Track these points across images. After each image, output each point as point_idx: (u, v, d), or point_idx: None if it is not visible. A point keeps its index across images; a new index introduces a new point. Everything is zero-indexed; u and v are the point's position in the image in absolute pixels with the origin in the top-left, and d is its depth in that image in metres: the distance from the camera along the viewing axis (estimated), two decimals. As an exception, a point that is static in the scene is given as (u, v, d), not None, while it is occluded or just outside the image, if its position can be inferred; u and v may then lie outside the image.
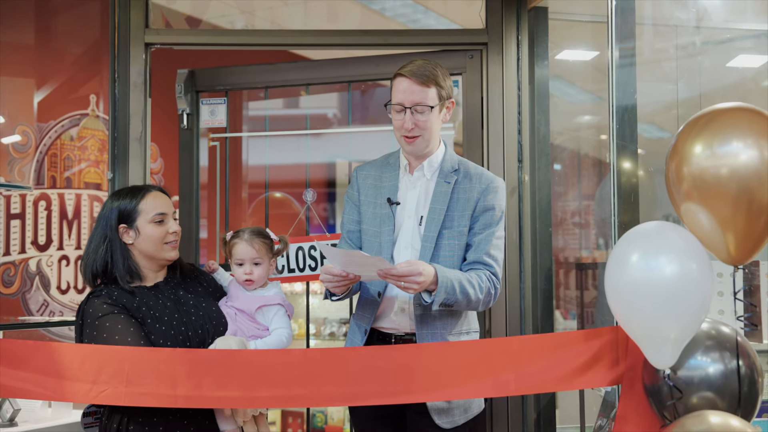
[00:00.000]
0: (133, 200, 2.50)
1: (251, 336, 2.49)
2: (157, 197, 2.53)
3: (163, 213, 2.51)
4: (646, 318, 2.02)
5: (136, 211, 2.49)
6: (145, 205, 2.50)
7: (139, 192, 2.53)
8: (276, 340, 2.50)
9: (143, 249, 2.50)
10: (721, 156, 1.98)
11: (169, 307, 2.46)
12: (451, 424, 2.53)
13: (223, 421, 2.41)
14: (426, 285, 2.36)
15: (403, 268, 2.33)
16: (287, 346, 2.53)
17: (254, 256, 2.56)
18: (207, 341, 2.45)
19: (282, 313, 2.56)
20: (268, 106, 4.05)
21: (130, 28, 3.53)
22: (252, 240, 2.58)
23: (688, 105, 3.70)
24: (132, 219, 2.49)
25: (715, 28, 3.86)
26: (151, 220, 2.49)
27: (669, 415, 2.10)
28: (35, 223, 4.21)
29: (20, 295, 4.15)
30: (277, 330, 2.52)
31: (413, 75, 2.51)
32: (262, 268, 2.58)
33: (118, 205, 2.50)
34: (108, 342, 2.33)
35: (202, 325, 2.47)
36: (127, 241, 2.49)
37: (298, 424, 5.46)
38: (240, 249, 2.58)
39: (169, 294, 2.51)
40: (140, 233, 2.49)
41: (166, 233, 2.50)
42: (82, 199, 4.39)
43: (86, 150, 4.44)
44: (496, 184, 2.62)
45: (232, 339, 2.40)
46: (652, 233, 2.07)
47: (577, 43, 4.54)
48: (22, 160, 4.19)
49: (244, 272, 2.57)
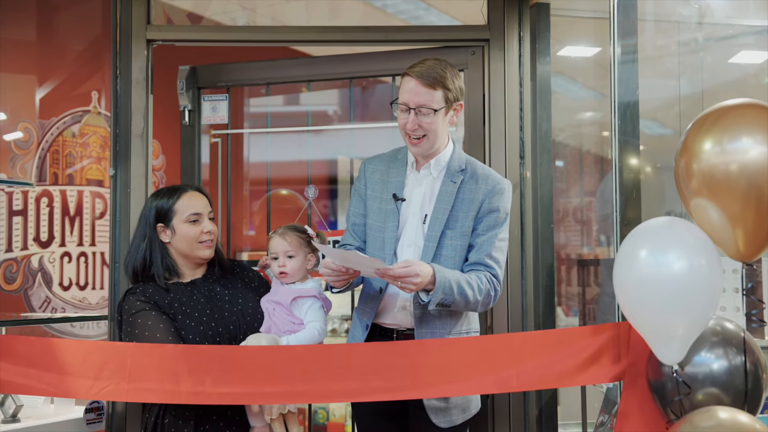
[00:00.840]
0: (170, 200, 2.59)
1: (286, 331, 2.52)
2: (192, 197, 2.61)
3: (198, 213, 2.59)
4: (655, 313, 2.02)
5: (172, 211, 2.58)
6: (180, 205, 2.58)
7: (175, 192, 2.62)
8: (308, 334, 2.53)
9: (179, 248, 2.58)
10: (731, 152, 1.98)
11: (202, 303, 2.52)
12: (449, 423, 2.53)
13: (252, 417, 2.46)
14: (423, 285, 2.36)
15: (400, 269, 2.32)
16: (320, 341, 2.57)
17: (287, 249, 2.61)
18: (239, 337, 2.50)
19: (317, 306, 2.60)
20: (270, 103, 4.05)
21: (131, 24, 3.52)
22: (285, 234, 2.63)
23: (690, 101, 3.70)
24: (168, 218, 2.58)
25: (717, 24, 3.86)
26: (186, 219, 2.57)
27: (674, 411, 2.10)
28: (37, 220, 4.22)
29: (22, 291, 4.16)
30: (311, 323, 2.56)
31: (420, 76, 2.49)
32: (296, 261, 2.62)
33: (156, 205, 2.60)
34: (140, 337, 2.41)
35: (235, 321, 2.52)
36: (164, 239, 2.58)
37: (300, 420, 5.45)
38: (274, 243, 2.64)
39: (204, 290, 2.57)
40: (176, 232, 2.57)
41: (201, 233, 2.59)
42: (84, 195, 4.39)
43: (88, 147, 4.45)
44: (502, 186, 2.60)
45: (263, 336, 2.43)
46: (662, 229, 2.08)
47: (579, 40, 4.54)
48: (24, 157, 4.20)
49: (278, 265, 2.62)
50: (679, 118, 3.55)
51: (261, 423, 2.45)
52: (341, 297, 5.34)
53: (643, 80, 3.19)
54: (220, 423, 2.45)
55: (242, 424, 2.47)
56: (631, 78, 3.12)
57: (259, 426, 2.45)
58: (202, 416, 2.43)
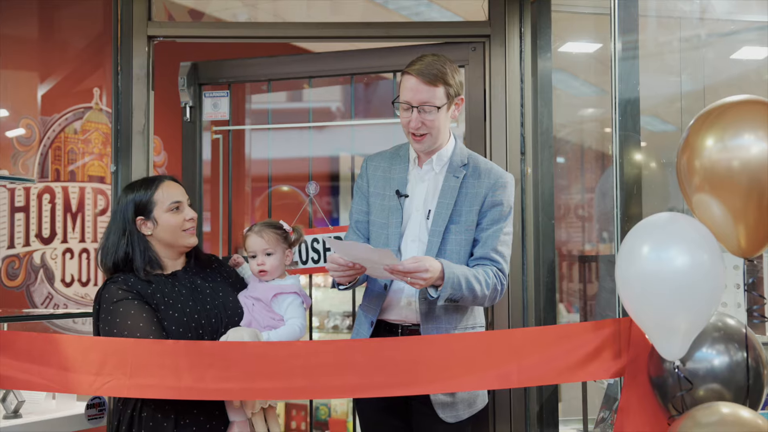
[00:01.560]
0: (147, 191, 2.54)
1: (266, 326, 2.51)
2: (170, 186, 2.58)
3: (179, 201, 2.56)
4: (657, 309, 2.02)
5: (152, 202, 2.53)
6: (159, 195, 2.54)
7: (152, 183, 2.57)
8: (289, 330, 2.52)
9: (162, 238, 2.54)
10: (733, 149, 1.98)
11: (184, 294, 2.49)
12: (455, 418, 2.54)
13: (232, 411, 2.43)
14: (432, 281, 2.36)
15: (410, 264, 2.32)
16: (300, 337, 2.56)
17: (265, 246, 2.60)
18: (220, 330, 2.48)
19: (297, 303, 2.59)
20: (271, 100, 4.05)
21: (132, 20, 3.52)
22: (262, 231, 2.61)
23: (692, 97, 3.69)
24: (148, 210, 2.53)
25: (719, 20, 3.85)
26: (168, 209, 2.53)
27: (676, 407, 2.10)
28: (39, 216, 4.22)
29: (24, 287, 4.16)
30: (291, 320, 2.55)
31: (420, 74, 2.49)
32: (274, 258, 2.61)
33: (132, 198, 2.55)
34: (121, 327, 2.36)
35: (216, 314, 2.50)
36: (145, 232, 2.53)
37: (302, 416, 5.47)
38: (251, 241, 2.62)
39: (186, 282, 2.54)
40: (158, 223, 2.53)
41: (183, 220, 2.55)
42: (86, 192, 4.40)
43: (90, 143, 4.45)
44: (505, 180, 2.61)
45: (245, 330, 2.41)
46: (664, 224, 2.07)
47: (580, 36, 4.53)
48: (26, 154, 4.20)
49: (257, 263, 2.60)
50: (681, 114, 3.54)
51: (241, 417, 2.42)
52: (343, 293, 5.36)
53: (644, 76, 3.18)
54: (200, 417, 2.41)
55: (222, 418, 2.44)
56: (632, 74, 3.11)
57: (239, 420, 2.42)
58: (181, 411, 2.38)
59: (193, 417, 2.40)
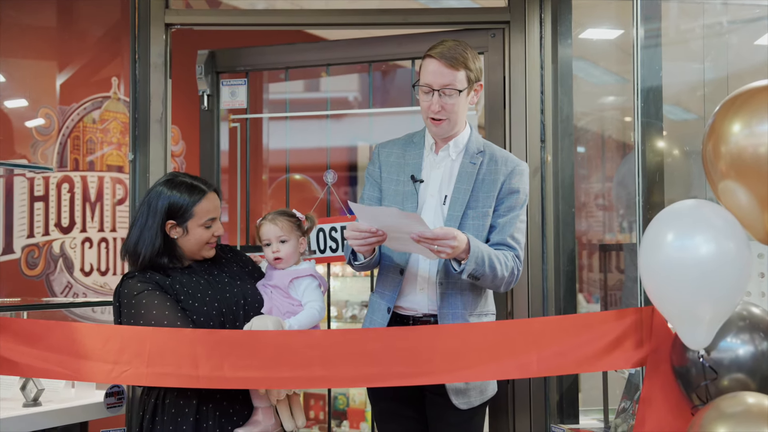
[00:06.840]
0: (190, 198, 2.47)
1: (286, 313, 2.51)
2: (212, 200, 2.52)
3: (214, 218, 2.52)
4: (682, 298, 1.99)
5: (191, 213, 2.47)
6: (200, 209, 2.48)
7: (197, 191, 2.49)
8: (308, 314, 2.51)
9: (185, 246, 2.51)
10: (760, 134, 1.95)
11: (203, 284, 2.48)
12: (468, 405, 2.55)
13: (257, 398, 2.44)
14: (458, 252, 2.36)
15: (439, 230, 2.32)
16: (320, 320, 2.55)
17: (279, 234, 2.59)
18: (241, 317, 2.46)
19: (314, 286, 2.58)
20: (289, 90, 4.03)
21: (150, 8, 3.52)
22: (275, 219, 2.61)
23: (715, 85, 3.63)
24: (184, 218, 2.47)
25: (743, 5, 3.78)
26: (203, 224, 2.49)
27: (700, 397, 2.07)
28: (58, 206, 4.24)
29: (44, 276, 4.18)
30: (309, 303, 2.54)
31: (443, 57, 2.50)
32: (289, 245, 2.60)
33: (171, 198, 2.46)
34: (147, 318, 2.34)
35: (237, 302, 2.49)
36: (172, 236, 2.48)
37: (320, 406, 5.47)
38: (265, 229, 2.62)
39: (203, 272, 2.53)
40: (188, 233, 2.48)
41: (211, 235, 2.52)
42: (105, 181, 4.41)
43: (108, 132, 4.46)
44: (522, 168, 2.63)
45: (269, 318, 2.41)
46: (688, 212, 2.04)
47: (602, 22, 4.47)
48: (45, 143, 4.21)
49: (272, 251, 2.60)
50: (704, 103, 3.49)
51: (265, 404, 2.43)
52: (361, 282, 5.34)
53: (666, 63, 3.13)
54: (223, 402, 2.40)
55: (246, 403, 2.43)
56: (654, 61, 3.07)
57: (263, 407, 2.43)
58: (204, 396, 2.38)
59: (216, 402, 2.40)
